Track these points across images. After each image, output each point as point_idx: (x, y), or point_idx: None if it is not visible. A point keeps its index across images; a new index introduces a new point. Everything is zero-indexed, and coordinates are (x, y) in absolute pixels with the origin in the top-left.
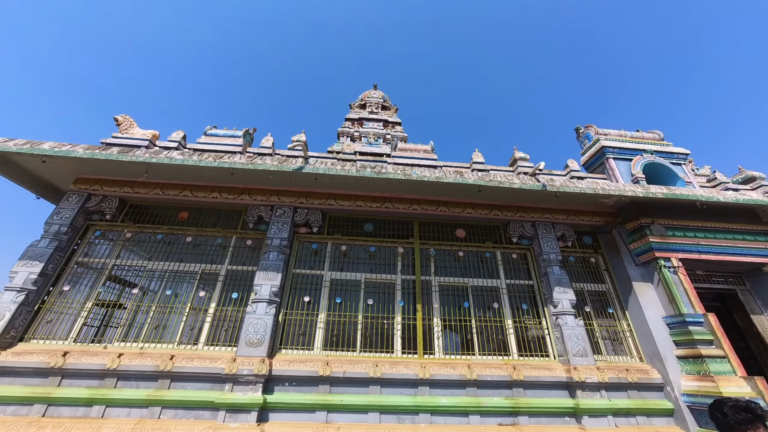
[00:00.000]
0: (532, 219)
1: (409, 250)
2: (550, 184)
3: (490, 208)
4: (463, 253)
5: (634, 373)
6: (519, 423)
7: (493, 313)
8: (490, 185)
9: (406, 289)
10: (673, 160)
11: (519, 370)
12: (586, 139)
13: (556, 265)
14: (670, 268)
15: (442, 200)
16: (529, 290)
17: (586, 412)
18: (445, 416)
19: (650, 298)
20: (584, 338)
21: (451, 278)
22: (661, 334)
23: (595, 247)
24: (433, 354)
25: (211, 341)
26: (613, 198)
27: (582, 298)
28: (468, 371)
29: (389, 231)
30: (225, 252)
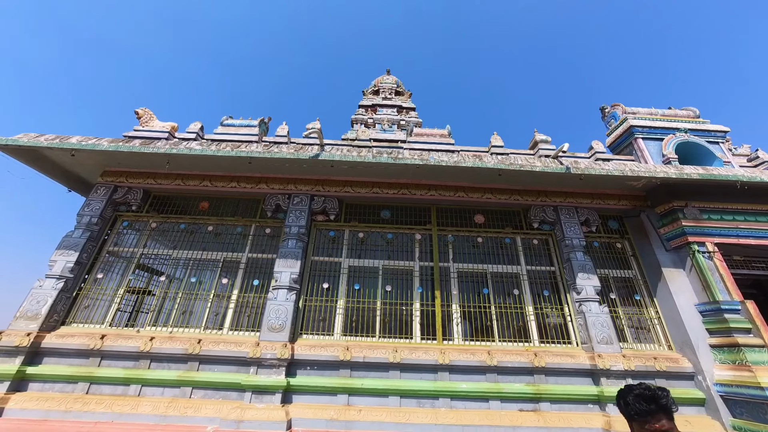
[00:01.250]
0: (554, 203)
1: (426, 237)
2: (574, 167)
3: (509, 193)
4: (482, 239)
5: (663, 361)
6: (540, 409)
7: (513, 300)
8: (510, 169)
9: (424, 276)
10: (710, 139)
11: (540, 357)
12: (612, 119)
13: (579, 251)
14: (704, 253)
15: (460, 186)
16: (550, 276)
17: (610, 400)
18: (465, 401)
19: (682, 285)
20: (609, 325)
21: (470, 264)
22: (693, 323)
23: (622, 232)
24: (452, 340)
25: (235, 326)
26: (642, 180)
27: (607, 284)
28: (488, 357)
29: (406, 218)
30: (245, 240)
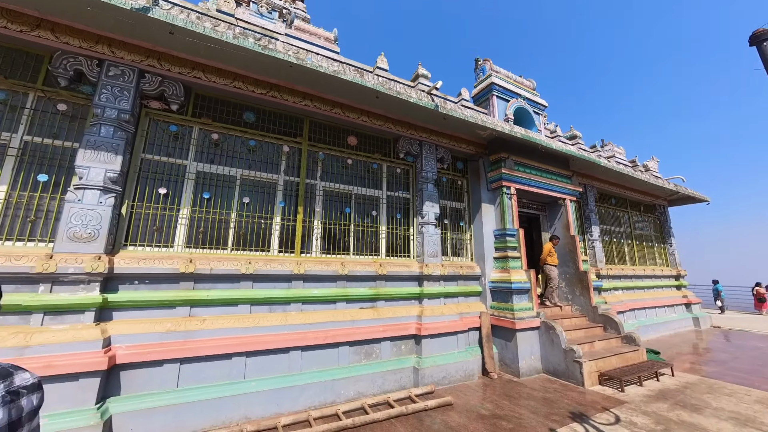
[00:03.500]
0: (420, 138)
1: (295, 151)
2: (442, 106)
3: (384, 120)
4: (352, 162)
5: (465, 268)
6: (377, 306)
7: (371, 220)
8: (387, 93)
9: (288, 191)
10: (536, 109)
11: (384, 267)
12: (481, 72)
13: (431, 183)
14: (508, 194)
15: (338, 101)
16: (405, 202)
17: (426, 296)
18: (315, 305)
19: (490, 216)
20: (438, 243)
21: (337, 184)
22: (488, 242)
23: (464, 172)
24: (310, 253)
25: (5, 235)
26: (488, 131)
27: (444, 212)
28: (341, 267)
29: (275, 125)
30: (17, 115)
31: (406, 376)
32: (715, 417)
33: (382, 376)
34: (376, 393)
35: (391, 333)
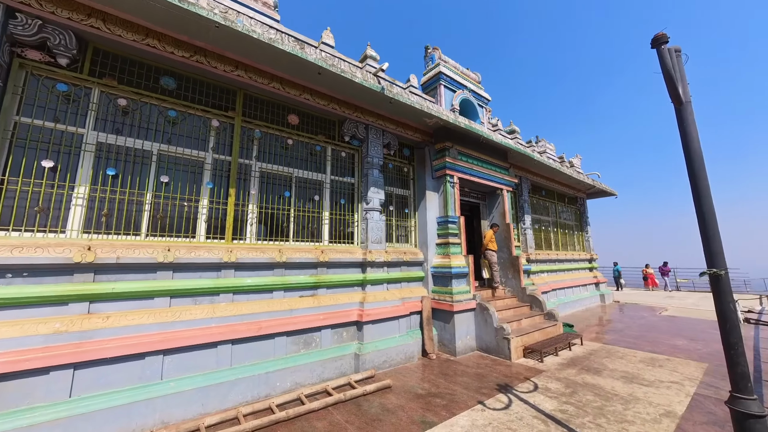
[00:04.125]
0: (367, 122)
1: (227, 126)
2: (389, 89)
3: (329, 100)
4: (293, 142)
5: (409, 254)
6: (318, 294)
7: (313, 205)
8: (330, 70)
9: (218, 171)
10: (480, 102)
11: (326, 254)
12: (430, 60)
13: (376, 169)
14: (451, 183)
15: (276, 75)
16: (350, 188)
17: (370, 282)
18: (249, 294)
19: (434, 204)
20: (382, 230)
21: (276, 166)
22: (431, 229)
23: (410, 159)
24: (244, 240)
25: None
26: (434, 119)
27: (390, 199)
28: (278, 254)
29: (202, 96)
30: None
31: (347, 362)
32: (611, 377)
33: (321, 365)
34: (316, 382)
35: (333, 321)
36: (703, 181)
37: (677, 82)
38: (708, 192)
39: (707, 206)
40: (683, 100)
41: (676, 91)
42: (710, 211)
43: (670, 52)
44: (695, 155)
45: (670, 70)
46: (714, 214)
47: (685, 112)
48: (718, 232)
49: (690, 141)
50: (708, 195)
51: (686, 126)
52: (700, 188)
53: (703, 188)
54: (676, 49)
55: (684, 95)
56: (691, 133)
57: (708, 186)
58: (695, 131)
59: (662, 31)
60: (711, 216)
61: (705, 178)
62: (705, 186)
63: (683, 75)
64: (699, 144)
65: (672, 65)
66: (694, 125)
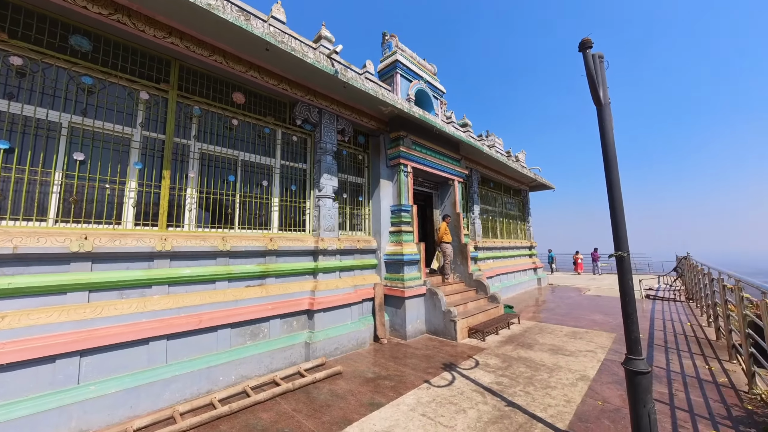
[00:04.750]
0: (320, 106)
1: (160, 101)
2: (342, 73)
3: (279, 80)
4: (239, 123)
5: (362, 242)
6: (266, 283)
7: (261, 191)
8: (280, 47)
9: (149, 150)
10: (435, 94)
11: (275, 242)
12: (387, 48)
13: (330, 155)
14: (405, 172)
15: (218, 47)
16: (301, 173)
17: (322, 270)
18: (188, 285)
19: (388, 192)
20: (335, 217)
21: (219, 147)
22: (385, 217)
23: (365, 147)
24: (181, 227)
25: None
26: (389, 107)
27: (344, 186)
28: (221, 243)
29: (127, 63)
30: None
31: (297, 352)
32: (541, 350)
33: (270, 356)
34: (263, 373)
35: (282, 310)
36: (614, 175)
37: (599, 86)
38: (618, 184)
39: (617, 197)
40: (603, 102)
41: (597, 93)
42: (619, 202)
43: (594, 57)
44: (610, 151)
45: (593, 74)
46: (622, 204)
47: (604, 113)
48: (623, 221)
49: (606, 138)
50: (618, 187)
51: (604, 125)
52: (612, 181)
53: (614, 181)
54: (600, 55)
55: (604, 98)
56: (608, 131)
57: (618, 179)
58: (611, 130)
59: (588, 36)
60: (619, 206)
61: (616, 172)
62: (616, 179)
63: (604, 79)
64: (613, 141)
65: (595, 69)
66: (611, 125)
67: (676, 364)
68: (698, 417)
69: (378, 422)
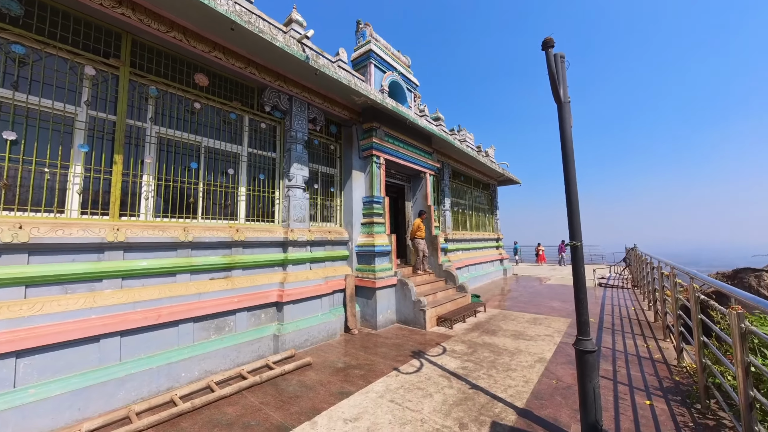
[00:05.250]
0: (291, 92)
1: (109, 77)
2: (314, 59)
3: (246, 63)
4: (201, 106)
5: (334, 233)
6: (232, 276)
7: (227, 179)
8: (246, 28)
9: (96, 131)
10: (409, 86)
11: (242, 232)
12: (361, 36)
13: (300, 144)
14: (378, 164)
15: (178, 22)
16: (270, 162)
17: (291, 262)
18: (144, 278)
19: (360, 184)
20: (306, 208)
21: (180, 132)
22: (357, 209)
23: (337, 137)
24: (137, 216)
25: None
26: (362, 97)
27: (315, 177)
28: (183, 233)
29: (68, 33)
30: None
31: (265, 344)
32: (504, 336)
33: (236, 350)
34: (229, 368)
35: (249, 303)
36: (571, 169)
37: (559, 84)
38: (574, 179)
39: (572, 191)
40: (563, 100)
41: (557, 92)
42: (574, 195)
43: (555, 56)
44: (568, 147)
45: (553, 73)
46: (577, 198)
47: (563, 111)
48: (578, 213)
49: (565, 135)
50: (574, 182)
51: (564, 122)
52: (569, 175)
53: (571, 175)
54: (561, 55)
55: (564, 96)
56: (566, 128)
57: (575, 174)
58: (570, 127)
59: (550, 36)
60: (575, 199)
61: (573, 167)
62: (572, 174)
63: (564, 78)
64: (571, 138)
65: (556, 69)
66: (570, 122)
67: (621, 344)
68: (636, 389)
69: (347, 410)
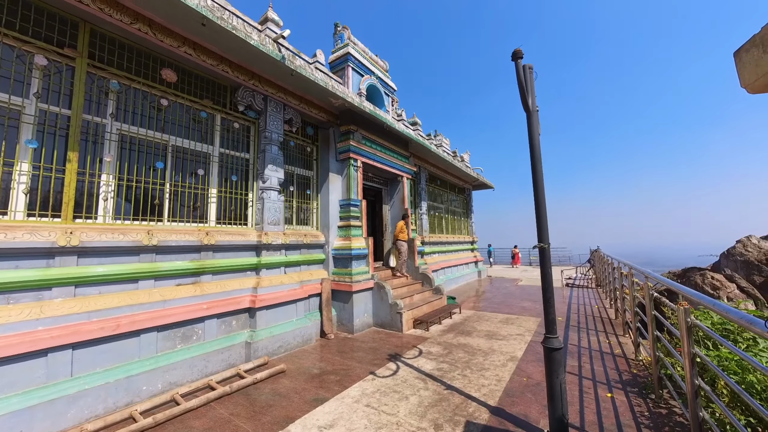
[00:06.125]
0: (266, 92)
1: (64, 68)
2: (290, 60)
3: (219, 60)
4: (169, 103)
5: (310, 237)
6: (201, 281)
7: (197, 180)
8: (219, 24)
9: (47, 126)
10: (387, 90)
11: (212, 236)
12: (339, 39)
13: (275, 145)
14: (355, 167)
15: (143, 14)
16: (243, 163)
17: (265, 266)
18: (101, 285)
19: (337, 187)
20: (280, 211)
21: (145, 129)
22: (334, 212)
23: (314, 139)
24: (94, 218)
25: None
26: (339, 100)
27: (291, 179)
28: (146, 237)
29: (14, 17)
30: None
31: (236, 352)
32: (478, 336)
33: (204, 359)
34: (197, 378)
35: (219, 309)
36: (539, 175)
37: (528, 94)
38: (542, 184)
39: (540, 195)
40: (531, 109)
41: (526, 101)
42: (542, 199)
43: (524, 68)
44: (536, 154)
45: (522, 83)
46: (544, 201)
47: (532, 119)
48: (545, 216)
49: (533, 142)
50: (541, 186)
51: (532, 130)
52: (537, 180)
53: (538, 181)
54: (530, 66)
55: (532, 105)
56: (535, 136)
57: (542, 179)
58: (538, 135)
59: (519, 47)
60: (542, 203)
61: (541, 172)
62: (540, 179)
63: (533, 88)
64: (539, 145)
65: (525, 79)
66: (538, 130)
67: (586, 340)
68: (599, 383)
69: (321, 417)
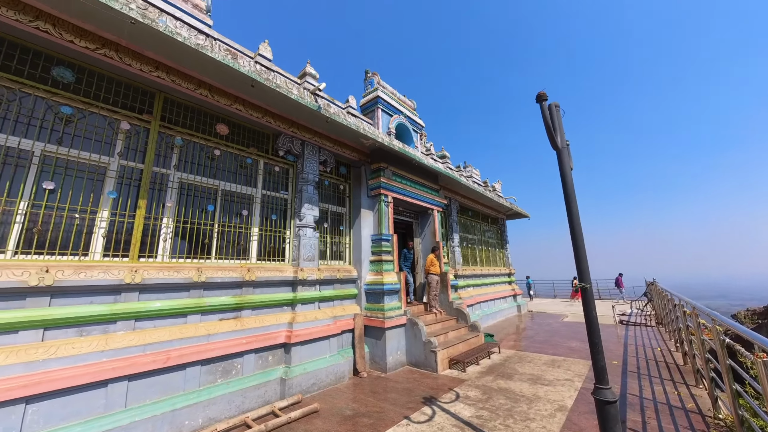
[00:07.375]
0: (303, 138)
1: (141, 131)
2: (325, 108)
3: (263, 113)
4: (221, 153)
5: (343, 272)
6: (241, 316)
7: (241, 220)
8: (265, 84)
9: (125, 179)
10: (415, 127)
11: (252, 272)
12: (369, 84)
13: (311, 185)
14: (386, 202)
15: (204, 81)
16: (282, 203)
17: (300, 301)
18: (157, 320)
19: (369, 222)
20: (315, 247)
21: (199, 177)
22: (366, 246)
23: (347, 177)
24: (155, 257)
25: None
26: (370, 140)
27: (325, 216)
28: (197, 274)
29: (109, 94)
30: None
31: (271, 389)
32: (520, 380)
33: (242, 395)
34: (234, 414)
35: (257, 344)
36: (574, 211)
37: (555, 133)
38: (578, 220)
39: (578, 232)
40: (560, 146)
41: (554, 139)
42: (580, 237)
43: (550, 107)
44: (569, 190)
45: (549, 122)
46: (582, 239)
47: (562, 156)
48: (585, 254)
49: (566, 179)
50: (578, 223)
51: (563, 167)
52: (572, 216)
53: (574, 216)
54: (555, 105)
55: (561, 142)
56: (567, 172)
57: (578, 215)
58: (570, 171)
59: (543, 90)
60: (580, 241)
61: (576, 209)
62: (575, 215)
63: (561, 126)
64: (572, 181)
65: (551, 118)
66: (570, 166)
67: (649, 390)
68: None
69: None
